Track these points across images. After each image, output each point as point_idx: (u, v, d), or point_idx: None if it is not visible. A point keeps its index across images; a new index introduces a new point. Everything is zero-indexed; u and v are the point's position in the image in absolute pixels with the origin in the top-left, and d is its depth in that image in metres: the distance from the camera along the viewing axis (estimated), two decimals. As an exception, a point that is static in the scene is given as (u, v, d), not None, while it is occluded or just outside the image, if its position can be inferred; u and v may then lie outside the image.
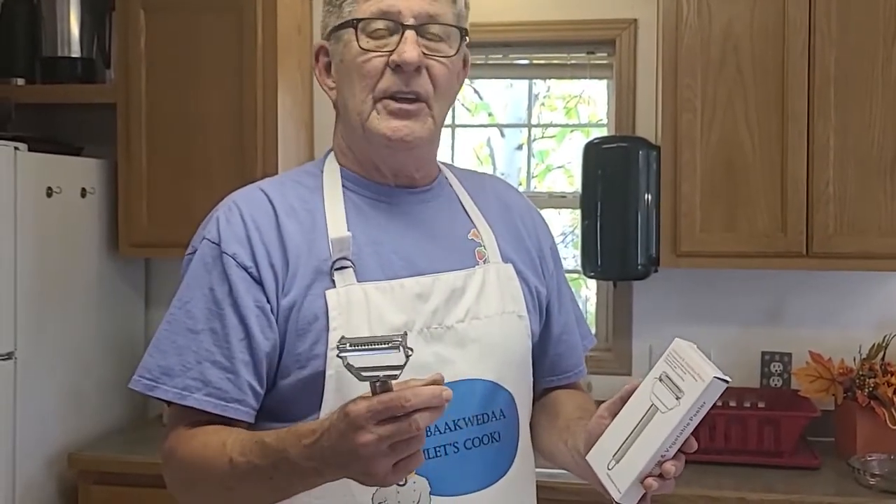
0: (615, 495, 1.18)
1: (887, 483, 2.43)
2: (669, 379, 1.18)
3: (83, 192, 2.90)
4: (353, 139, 1.38)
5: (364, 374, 1.04)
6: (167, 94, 2.89)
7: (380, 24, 1.31)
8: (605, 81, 3.19)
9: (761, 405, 2.81)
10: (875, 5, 2.58)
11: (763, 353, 2.94)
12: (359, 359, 1.05)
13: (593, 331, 3.14)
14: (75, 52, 3.06)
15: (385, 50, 1.30)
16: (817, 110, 2.60)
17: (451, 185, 1.48)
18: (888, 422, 2.61)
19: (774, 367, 2.93)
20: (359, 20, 1.31)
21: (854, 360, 2.78)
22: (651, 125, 2.94)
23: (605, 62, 3.13)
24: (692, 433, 1.18)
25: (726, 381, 1.14)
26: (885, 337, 2.80)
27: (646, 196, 2.77)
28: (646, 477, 1.16)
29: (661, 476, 1.17)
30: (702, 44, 2.65)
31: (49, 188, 2.73)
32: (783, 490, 2.44)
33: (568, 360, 1.55)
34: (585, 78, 3.20)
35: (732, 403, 2.82)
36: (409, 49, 1.29)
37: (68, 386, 2.83)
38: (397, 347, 1.05)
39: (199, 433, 1.27)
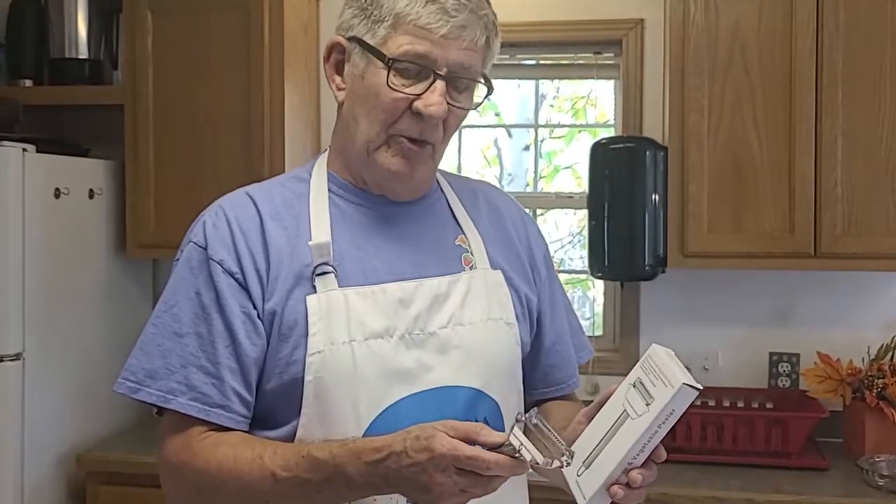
0: (580, 501, 1.17)
1: (896, 484, 2.43)
2: (642, 385, 1.17)
3: (91, 194, 2.91)
4: (351, 153, 1.37)
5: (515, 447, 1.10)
6: (174, 95, 2.89)
7: (411, 65, 1.28)
8: (612, 82, 3.19)
9: (769, 406, 2.81)
10: (883, 5, 2.58)
11: (771, 354, 2.94)
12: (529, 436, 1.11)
13: (601, 332, 3.14)
14: (83, 53, 3.07)
15: (411, 93, 1.28)
16: (825, 110, 2.59)
17: (442, 191, 1.47)
18: (897, 422, 2.61)
19: (782, 367, 2.92)
20: (393, 61, 1.27)
21: (862, 360, 2.78)
22: (658, 125, 2.93)
23: (611, 62, 3.13)
24: (662, 442, 1.16)
25: (697, 389, 1.12)
26: (893, 338, 2.79)
27: (653, 196, 2.76)
28: (612, 484, 1.15)
29: (628, 485, 1.15)
30: (709, 44, 2.64)
31: (57, 189, 2.74)
32: (791, 491, 2.43)
33: (561, 372, 1.53)
34: (592, 78, 3.20)
35: (740, 404, 2.82)
36: (436, 102, 1.28)
37: (76, 386, 2.84)
38: (553, 460, 1.11)
39: (220, 444, 1.26)
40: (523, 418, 1.13)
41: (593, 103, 3.29)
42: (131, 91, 2.92)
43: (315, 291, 1.29)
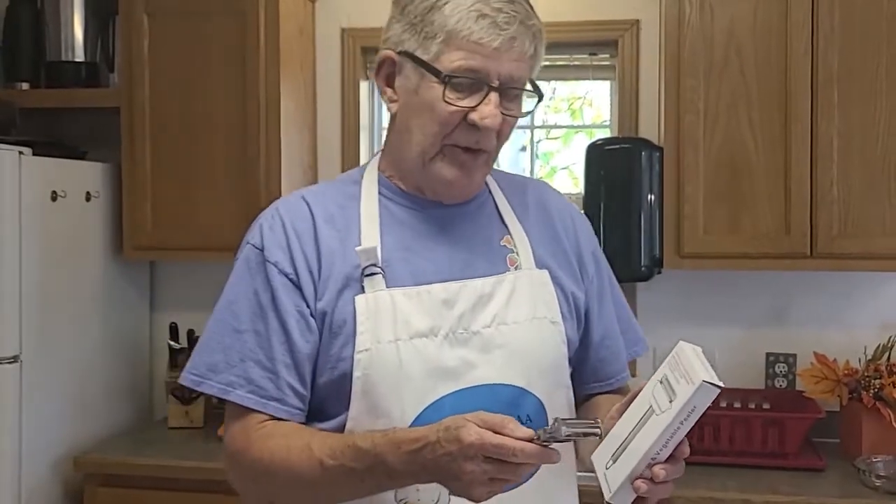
0: (606, 495, 1.20)
1: (893, 484, 2.42)
2: (668, 381, 1.19)
3: (87, 196, 2.91)
4: (406, 161, 1.41)
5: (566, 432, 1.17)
6: (171, 98, 2.89)
7: (465, 80, 1.32)
8: (608, 82, 3.19)
9: (766, 406, 2.81)
10: (878, 5, 2.58)
11: (768, 355, 2.94)
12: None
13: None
14: (79, 56, 3.07)
15: (465, 105, 1.32)
16: (820, 111, 2.59)
17: (489, 191, 1.50)
18: (893, 423, 2.60)
19: (779, 368, 2.92)
20: (449, 77, 1.31)
21: (859, 361, 2.78)
22: (654, 126, 2.93)
23: (607, 63, 3.13)
24: (687, 436, 1.17)
25: (718, 387, 1.13)
26: (889, 338, 2.79)
27: (649, 197, 2.77)
28: (636, 478, 1.17)
29: (651, 479, 1.17)
30: (704, 45, 2.65)
31: (53, 192, 2.74)
32: (788, 491, 2.43)
33: (611, 367, 1.55)
34: (588, 79, 3.20)
35: (737, 405, 2.82)
36: (491, 114, 1.32)
37: (73, 389, 2.84)
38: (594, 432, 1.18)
39: (274, 434, 1.33)
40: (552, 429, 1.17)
41: (590, 104, 3.30)
42: (128, 94, 2.92)
43: (364, 292, 1.34)
